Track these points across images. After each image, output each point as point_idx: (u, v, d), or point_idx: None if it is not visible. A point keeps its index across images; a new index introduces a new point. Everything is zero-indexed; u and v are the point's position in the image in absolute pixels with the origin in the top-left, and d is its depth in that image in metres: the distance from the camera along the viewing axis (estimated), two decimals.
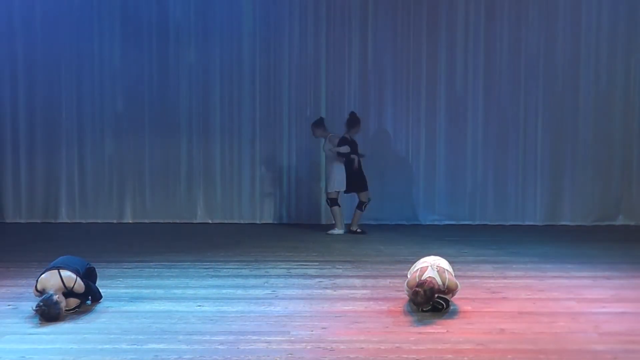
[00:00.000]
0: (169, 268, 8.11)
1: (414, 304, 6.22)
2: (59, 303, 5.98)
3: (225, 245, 9.82)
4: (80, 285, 6.23)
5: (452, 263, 6.83)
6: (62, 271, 6.20)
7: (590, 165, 11.70)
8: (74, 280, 6.18)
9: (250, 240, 10.16)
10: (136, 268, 8.11)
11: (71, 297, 6.18)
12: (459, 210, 11.78)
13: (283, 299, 6.72)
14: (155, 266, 8.21)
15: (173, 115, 11.93)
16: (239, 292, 6.97)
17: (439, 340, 5.46)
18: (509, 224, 11.65)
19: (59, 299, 5.99)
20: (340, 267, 8.22)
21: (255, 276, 7.71)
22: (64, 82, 11.93)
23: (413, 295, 6.18)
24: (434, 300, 6.13)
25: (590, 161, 11.70)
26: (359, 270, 8.05)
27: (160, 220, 11.89)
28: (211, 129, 11.94)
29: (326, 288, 7.18)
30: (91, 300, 6.48)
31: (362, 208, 10.73)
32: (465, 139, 11.76)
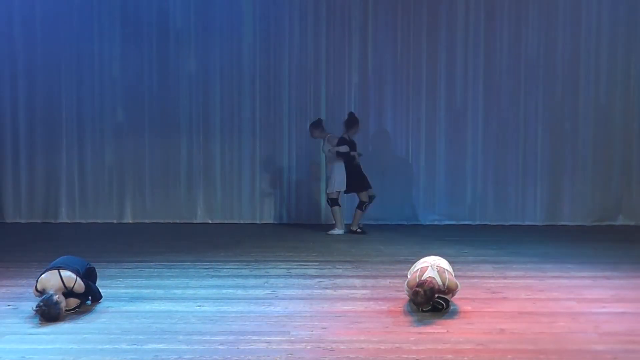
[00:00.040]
0: (169, 268, 8.11)
1: (414, 304, 6.22)
2: (59, 303, 5.98)
3: (225, 245, 9.82)
4: (80, 286, 6.23)
5: (452, 263, 6.83)
6: (62, 271, 6.20)
7: (590, 165, 11.70)
8: (74, 281, 6.19)
9: (250, 240, 10.16)
10: (136, 268, 8.11)
11: (71, 297, 6.19)
12: (459, 210, 11.78)
13: (283, 299, 6.72)
14: (155, 266, 8.21)
15: (173, 115, 11.93)
16: (239, 292, 6.97)
17: (439, 340, 5.46)
18: (509, 224, 11.65)
19: (59, 299, 5.99)
20: (340, 267, 8.22)
21: (255, 276, 7.71)
22: (64, 82, 11.93)
23: (413, 295, 6.18)
24: (434, 300, 6.13)
25: (590, 161, 11.70)
26: (359, 270, 8.05)
27: (160, 220, 11.89)
28: (211, 129, 11.94)
29: (326, 288, 7.18)
30: (91, 301, 6.49)
31: (363, 208, 10.73)
32: (465, 139, 11.76)
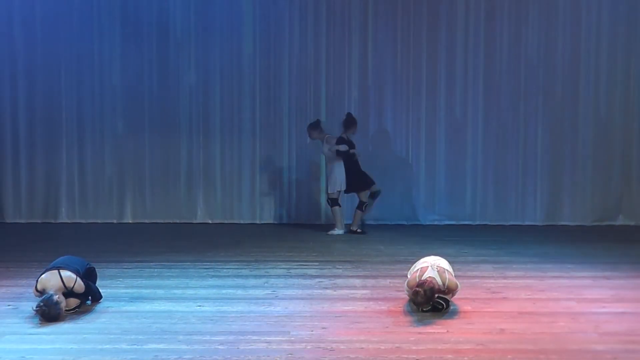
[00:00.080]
0: (169, 268, 8.11)
1: (414, 304, 6.22)
2: (59, 303, 5.98)
3: (225, 245, 9.82)
4: (80, 286, 6.24)
5: (452, 263, 6.83)
6: (62, 271, 6.20)
7: (590, 165, 11.70)
8: (74, 281, 6.19)
9: (250, 240, 10.16)
10: (136, 268, 8.11)
11: (71, 297, 6.19)
12: (459, 210, 11.78)
13: (283, 299, 6.72)
14: (155, 266, 8.21)
15: (173, 115, 11.92)
16: (239, 292, 6.97)
17: (439, 340, 5.46)
18: (509, 224, 11.64)
19: (59, 299, 5.99)
20: (340, 267, 8.22)
21: (255, 276, 7.71)
22: (64, 82, 11.93)
23: (413, 295, 6.18)
24: (434, 300, 6.13)
25: (590, 161, 11.69)
26: (359, 270, 8.05)
27: (160, 220, 11.88)
28: (211, 129, 11.93)
29: (326, 288, 7.18)
30: (91, 301, 6.49)
31: (363, 208, 10.72)
32: (465, 139, 11.76)
